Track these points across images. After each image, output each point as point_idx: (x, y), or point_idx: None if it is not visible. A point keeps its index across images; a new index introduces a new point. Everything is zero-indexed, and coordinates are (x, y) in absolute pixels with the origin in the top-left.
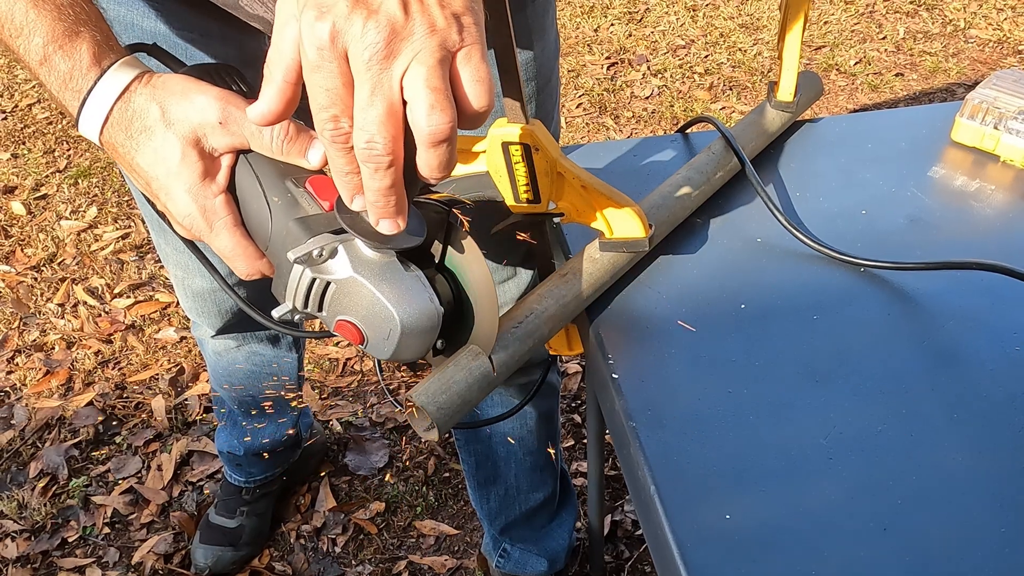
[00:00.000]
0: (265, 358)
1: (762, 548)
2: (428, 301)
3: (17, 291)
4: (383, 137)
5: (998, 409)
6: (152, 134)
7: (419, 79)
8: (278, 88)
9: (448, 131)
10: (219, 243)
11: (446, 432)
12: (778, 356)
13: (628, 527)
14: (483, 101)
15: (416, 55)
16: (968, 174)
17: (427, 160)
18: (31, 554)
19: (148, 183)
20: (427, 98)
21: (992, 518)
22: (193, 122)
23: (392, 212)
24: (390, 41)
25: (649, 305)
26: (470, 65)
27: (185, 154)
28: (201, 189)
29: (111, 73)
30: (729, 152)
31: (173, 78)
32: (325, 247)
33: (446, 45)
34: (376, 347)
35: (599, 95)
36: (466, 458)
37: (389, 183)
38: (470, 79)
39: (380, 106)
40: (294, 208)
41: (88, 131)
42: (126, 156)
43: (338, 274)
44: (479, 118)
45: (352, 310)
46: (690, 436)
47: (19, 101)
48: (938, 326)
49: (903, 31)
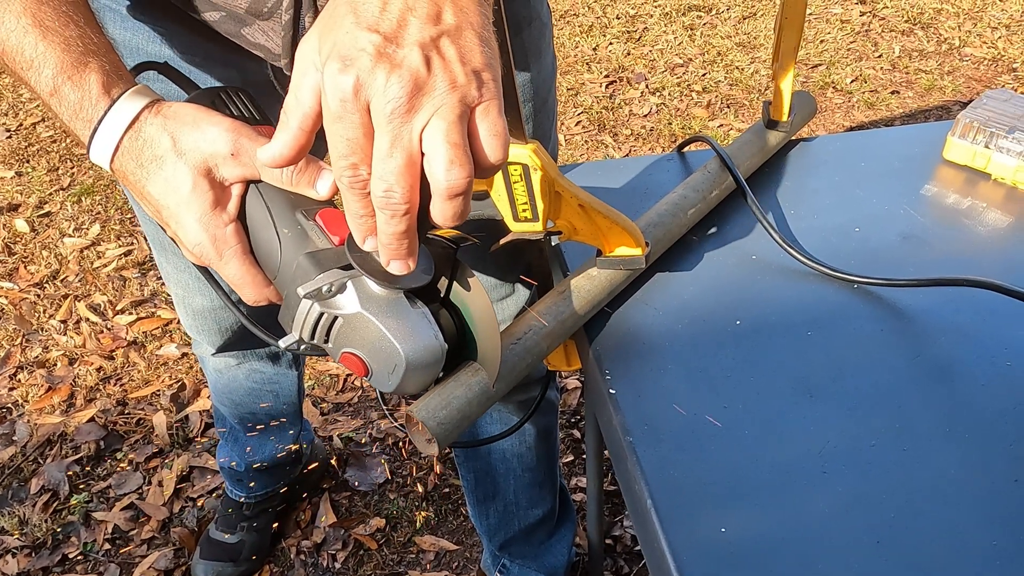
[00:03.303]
0: (265, 375)
1: (757, 560)
2: (433, 338)
3: (20, 308)
4: (401, 187)
5: (990, 423)
6: (163, 163)
7: (439, 134)
8: (292, 135)
9: (466, 185)
10: (228, 271)
11: (446, 446)
12: (773, 371)
13: (627, 542)
14: (499, 155)
15: (437, 110)
16: (960, 192)
17: (442, 211)
18: (32, 570)
19: (159, 211)
20: (447, 153)
21: (984, 531)
22: (204, 152)
23: (404, 255)
24: (412, 96)
25: (646, 321)
26: (487, 120)
27: (196, 184)
28: (212, 218)
29: (121, 102)
30: (725, 171)
31: (184, 107)
32: (334, 283)
33: (466, 100)
34: (380, 380)
35: (598, 113)
36: (465, 474)
37: (404, 228)
38: (487, 133)
39: (400, 158)
40: (304, 241)
41: (99, 159)
42: (137, 184)
43: (346, 309)
44: (493, 169)
45: (358, 344)
46: (686, 450)
47: (23, 120)
48: (930, 342)
49: (898, 49)
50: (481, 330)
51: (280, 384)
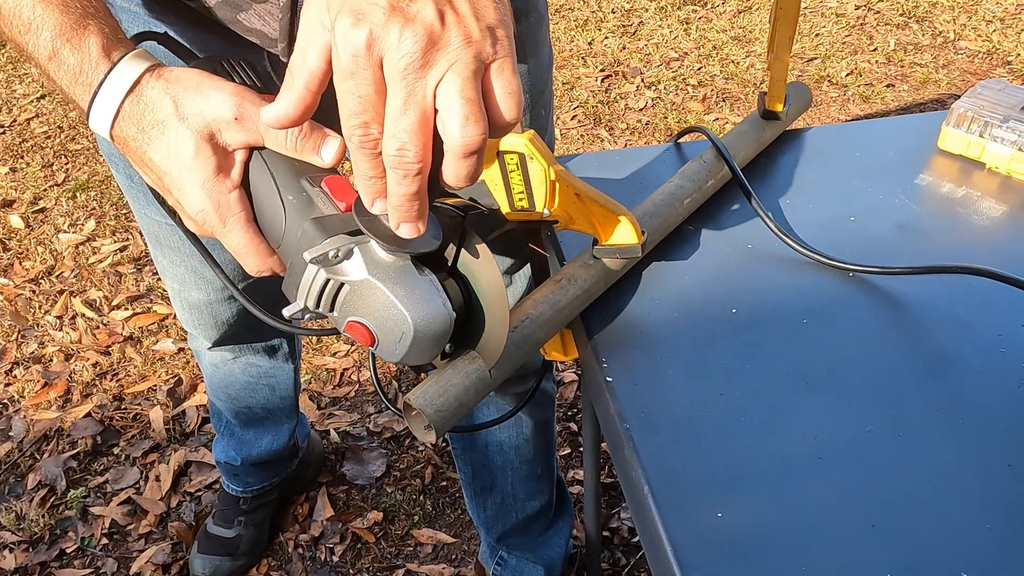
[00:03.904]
0: (262, 369)
1: (754, 547)
2: (441, 306)
3: (15, 304)
4: (415, 145)
5: (985, 410)
6: (165, 128)
7: (454, 90)
8: (298, 95)
9: (480, 143)
10: (231, 239)
11: (443, 434)
12: (769, 360)
13: (625, 534)
14: (513, 113)
15: (452, 66)
16: (955, 181)
17: (455, 170)
18: (29, 565)
19: (160, 178)
20: (462, 109)
21: (981, 518)
22: (208, 117)
23: (414, 217)
24: (426, 51)
25: (643, 310)
26: (502, 77)
27: (199, 149)
28: (215, 185)
29: (122, 65)
30: (720, 161)
31: (186, 72)
32: (341, 248)
33: (480, 57)
34: (386, 350)
35: (594, 107)
36: (463, 467)
37: (416, 189)
38: (502, 91)
39: (413, 115)
40: (309, 208)
41: (99, 126)
42: (138, 151)
43: (352, 276)
44: (507, 129)
45: (364, 312)
46: (683, 439)
47: (17, 116)
48: (926, 329)
49: (893, 43)
50: (489, 299)
51: (276, 378)
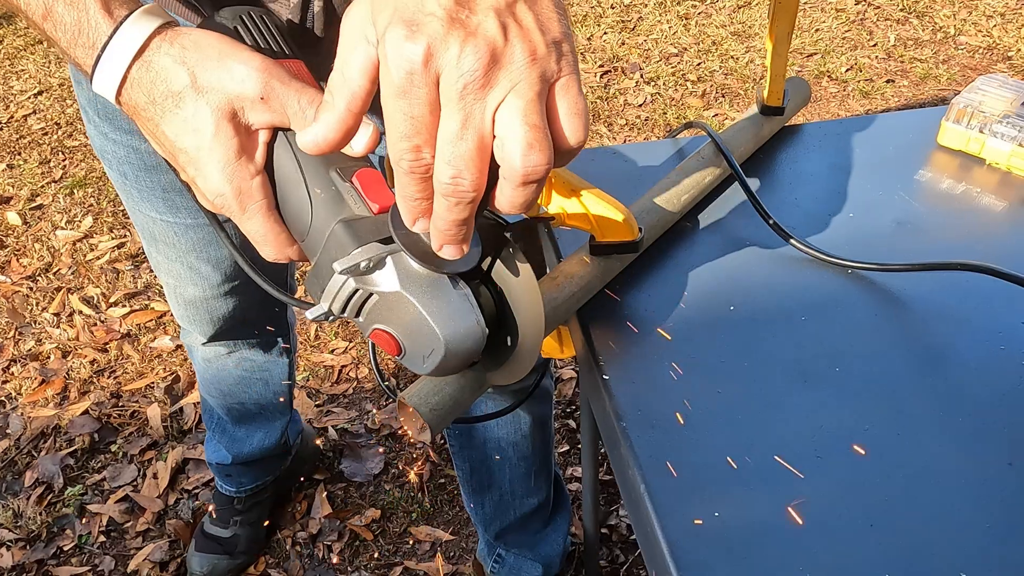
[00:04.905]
0: (256, 363)
1: (751, 545)
2: (475, 323)
3: (12, 301)
4: (471, 173)
5: (984, 407)
6: (181, 101)
7: (517, 114)
8: (339, 117)
9: (544, 172)
10: (250, 226)
11: (439, 433)
12: (767, 357)
13: (623, 531)
14: (580, 136)
15: (515, 87)
16: (954, 177)
17: (511, 198)
18: (27, 563)
19: (175, 155)
20: (526, 136)
21: (978, 514)
22: (230, 93)
23: (460, 240)
24: (488, 69)
25: (640, 308)
26: (568, 97)
27: (219, 128)
28: (237, 168)
29: (128, 25)
30: (719, 156)
31: (205, 36)
32: (373, 259)
33: (546, 76)
34: (414, 362)
35: (593, 103)
36: (460, 464)
37: (466, 216)
38: (568, 112)
39: (471, 141)
40: (339, 206)
41: (104, 90)
42: (149, 123)
43: (383, 287)
44: (573, 154)
45: (393, 323)
46: (680, 436)
47: (14, 112)
48: (924, 326)
49: (894, 38)
50: (525, 318)
51: (271, 372)
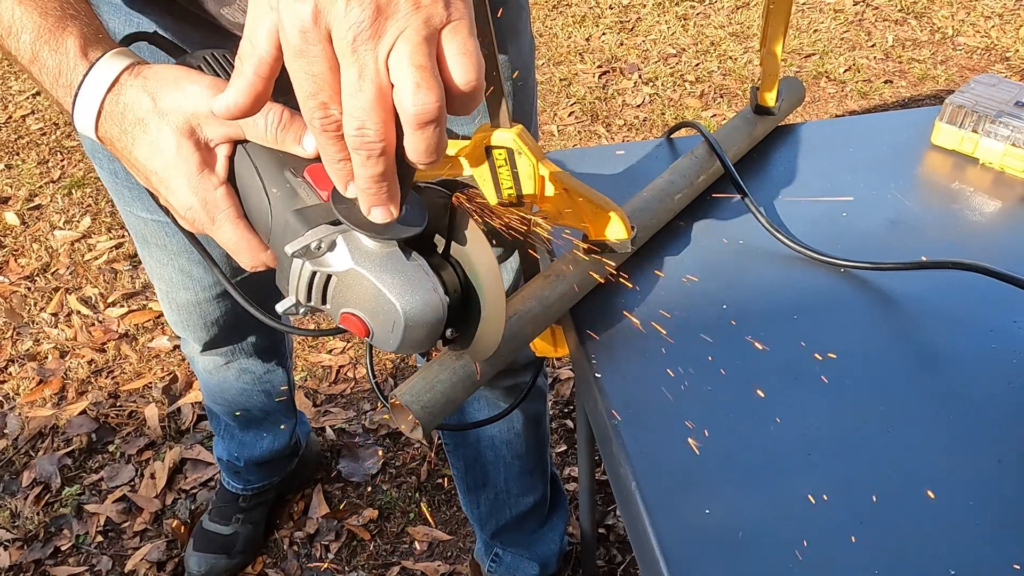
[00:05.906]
0: (255, 375)
1: (742, 544)
2: (431, 291)
3: (10, 301)
4: (374, 123)
5: (976, 406)
6: (146, 126)
7: (404, 57)
8: (248, 82)
9: (435, 111)
10: (222, 236)
11: (431, 431)
12: (758, 356)
13: (620, 531)
14: (470, 75)
15: (401, 33)
16: (948, 177)
17: (414, 144)
18: (24, 563)
19: (148, 178)
20: (412, 76)
21: (969, 515)
22: (186, 112)
23: (384, 200)
24: (375, 19)
25: (633, 306)
26: (456, 39)
27: (180, 145)
28: (200, 181)
29: (100, 64)
30: (712, 156)
31: (164, 68)
32: (323, 239)
33: (432, 22)
34: (382, 340)
35: (591, 103)
36: (455, 462)
37: (381, 170)
38: (455, 52)
39: (369, 90)
40: (292, 199)
41: (84, 126)
42: (124, 152)
43: (338, 266)
44: (467, 98)
45: (355, 303)
46: (671, 435)
47: (13, 112)
48: (917, 325)
49: (892, 39)
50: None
51: (271, 383)
